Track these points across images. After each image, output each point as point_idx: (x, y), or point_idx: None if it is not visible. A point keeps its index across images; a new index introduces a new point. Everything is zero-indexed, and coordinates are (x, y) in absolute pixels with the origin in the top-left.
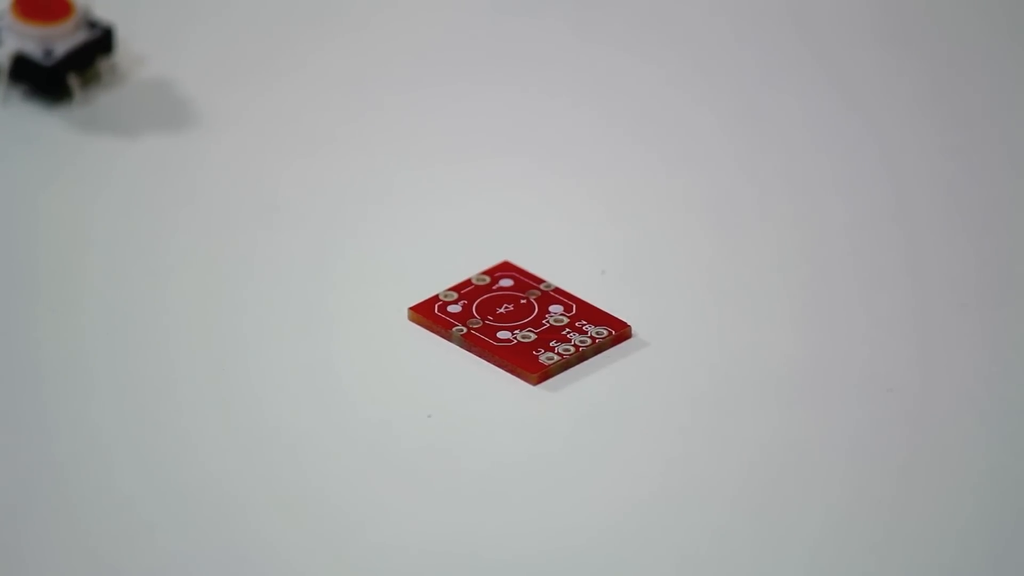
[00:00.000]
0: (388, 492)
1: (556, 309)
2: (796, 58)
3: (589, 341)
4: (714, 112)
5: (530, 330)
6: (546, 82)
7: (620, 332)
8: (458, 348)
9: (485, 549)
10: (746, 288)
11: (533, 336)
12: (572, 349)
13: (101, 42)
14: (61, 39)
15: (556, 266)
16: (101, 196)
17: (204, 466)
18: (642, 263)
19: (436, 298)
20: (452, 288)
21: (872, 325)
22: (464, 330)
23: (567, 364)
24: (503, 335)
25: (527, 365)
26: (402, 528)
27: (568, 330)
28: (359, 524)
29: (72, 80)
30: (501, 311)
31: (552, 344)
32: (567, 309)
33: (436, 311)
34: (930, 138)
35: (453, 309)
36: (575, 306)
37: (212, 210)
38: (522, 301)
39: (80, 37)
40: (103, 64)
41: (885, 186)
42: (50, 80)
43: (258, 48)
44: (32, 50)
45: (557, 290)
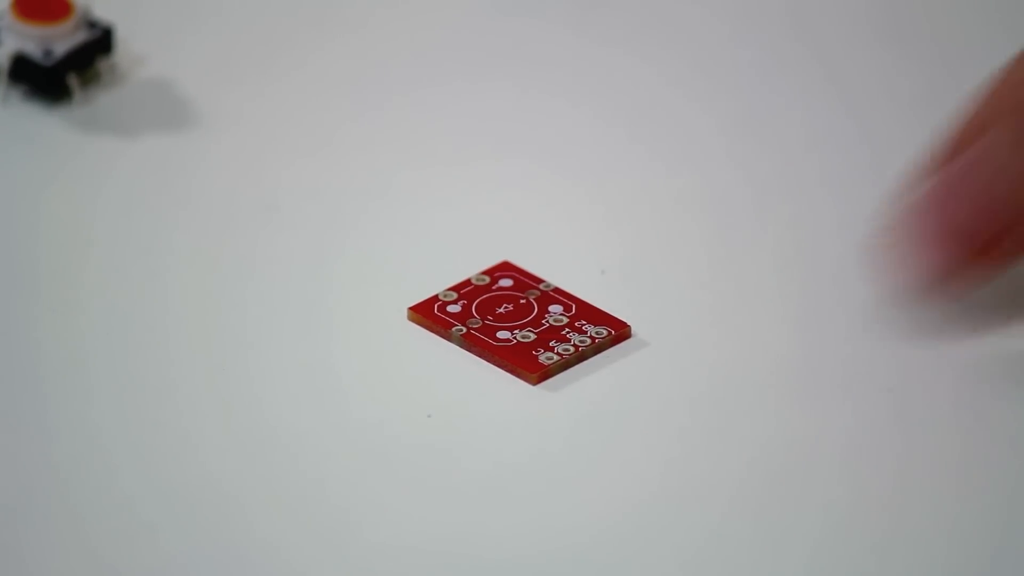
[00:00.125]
0: (388, 492)
1: (556, 309)
2: (795, 59)
3: (589, 341)
4: (713, 112)
5: (530, 330)
6: (546, 82)
7: (620, 332)
8: (458, 348)
9: (485, 549)
10: (746, 288)
11: (533, 336)
12: (572, 349)
13: (101, 42)
14: (61, 39)
15: (556, 266)
16: (101, 196)
17: (204, 466)
18: (642, 263)
19: (436, 298)
20: (452, 288)
21: (872, 326)
22: (464, 330)
23: (567, 364)
24: (503, 335)
25: (527, 365)
26: (402, 528)
27: (568, 330)
28: (359, 524)
29: (72, 80)
30: (501, 311)
31: (552, 344)
32: (567, 309)
33: (436, 311)
34: (928, 139)
35: (453, 309)
36: (575, 306)
37: (212, 210)
38: (522, 301)
39: (80, 37)
40: (103, 64)
41: (884, 186)
42: (50, 80)
43: (258, 48)
44: (32, 50)
45: (557, 290)
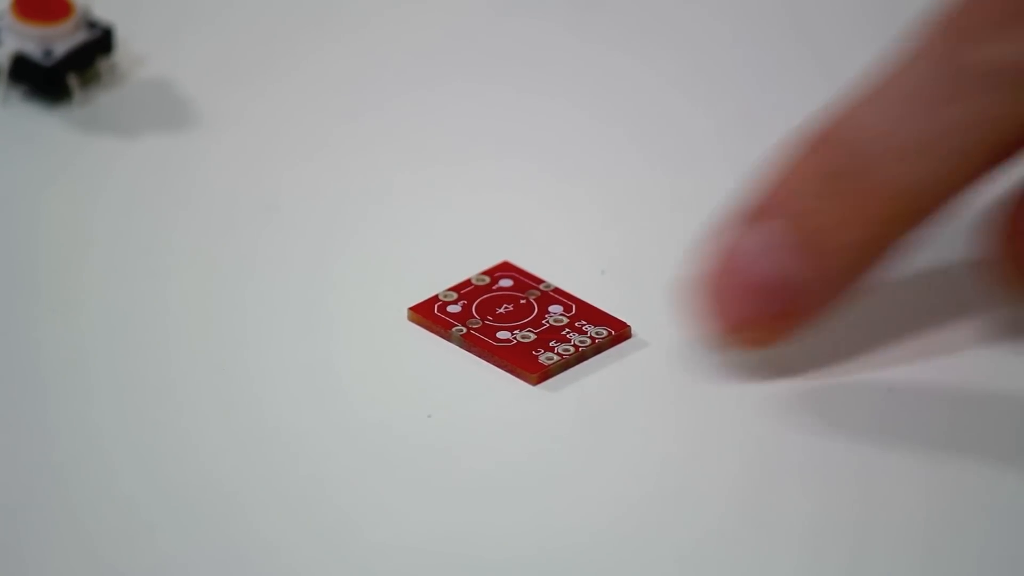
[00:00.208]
0: (388, 492)
1: (556, 309)
2: (795, 59)
3: (589, 341)
4: (713, 113)
5: (530, 330)
6: (546, 83)
7: (620, 332)
8: (458, 348)
9: (485, 549)
10: None
11: (533, 336)
12: (572, 349)
13: (101, 42)
14: (61, 39)
15: (556, 266)
16: (101, 196)
17: (204, 466)
18: (642, 263)
19: (436, 298)
20: (452, 288)
21: (872, 325)
22: (464, 330)
23: (567, 364)
24: (503, 335)
25: (527, 365)
26: (402, 528)
27: (568, 330)
28: (359, 524)
29: (72, 80)
30: (501, 311)
31: (552, 344)
32: (567, 309)
33: (436, 311)
34: None
35: (453, 309)
36: (575, 306)
37: (212, 210)
38: (522, 301)
39: (80, 37)
40: (103, 64)
41: None
42: (50, 80)
43: (258, 48)
44: (32, 50)
45: (557, 290)
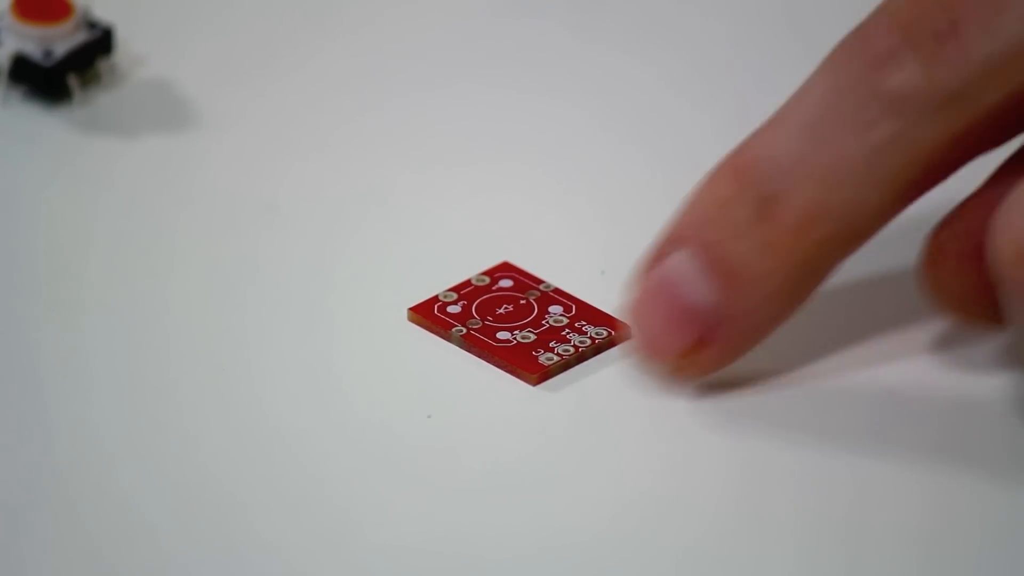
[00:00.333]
0: (388, 492)
1: (556, 310)
2: (795, 60)
3: (589, 342)
4: (713, 113)
5: (530, 331)
6: (545, 83)
7: (620, 332)
8: (458, 349)
9: (485, 549)
10: None
11: (533, 337)
12: (572, 350)
13: (101, 42)
14: (61, 39)
15: (556, 266)
16: (101, 196)
17: (204, 466)
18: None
19: (436, 298)
20: (452, 289)
21: (872, 325)
22: (464, 330)
23: (567, 365)
24: (503, 336)
25: (527, 366)
26: (402, 528)
27: (568, 331)
28: (359, 524)
29: (72, 80)
30: (501, 312)
31: (552, 345)
32: (567, 310)
33: (436, 312)
34: None
35: (453, 310)
36: (575, 307)
37: (212, 210)
38: (522, 302)
39: (80, 37)
40: (103, 65)
41: None
42: (50, 80)
43: (258, 48)
44: (32, 50)
45: (557, 291)
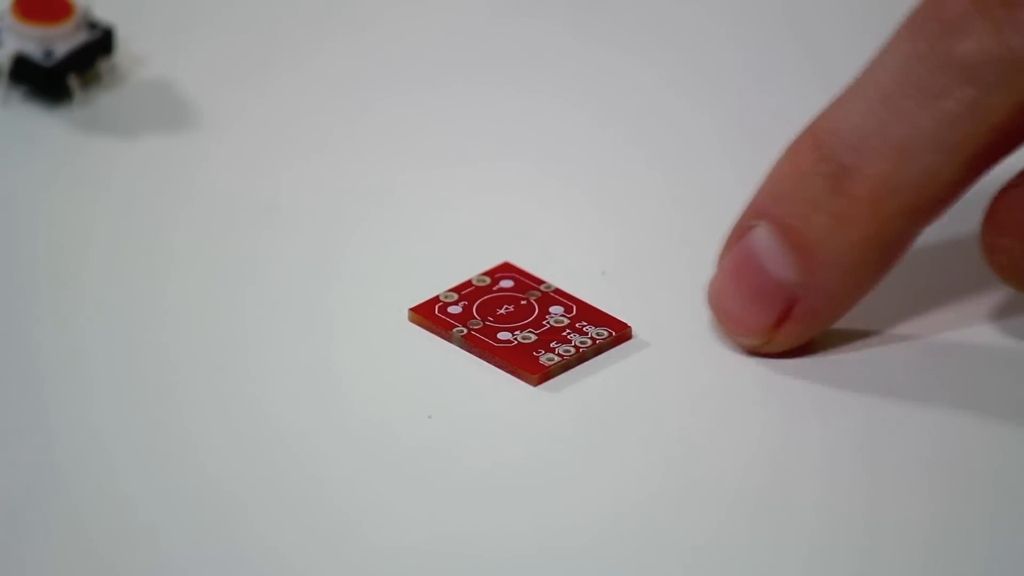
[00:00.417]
0: (388, 492)
1: (556, 310)
2: (794, 60)
3: (589, 342)
4: (713, 113)
5: (530, 331)
6: (546, 83)
7: (620, 333)
8: (458, 349)
9: (485, 549)
10: None
11: (533, 337)
12: (572, 350)
13: (101, 43)
14: (61, 40)
15: (556, 267)
16: (101, 196)
17: (204, 466)
18: (642, 263)
19: (436, 299)
20: (452, 289)
21: (872, 325)
22: (464, 331)
23: (567, 365)
24: (503, 336)
25: (527, 366)
26: (402, 528)
27: (568, 331)
28: (359, 524)
29: (72, 81)
30: (501, 312)
31: (552, 345)
32: (567, 310)
33: (436, 312)
34: None
35: (453, 310)
36: (575, 307)
37: (212, 210)
38: (522, 302)
39: (80, 38)
40: (103, 65)
41: None
42: (50, 81)
43: (258, 48)
44: (32, 51)
45: (557, 291)
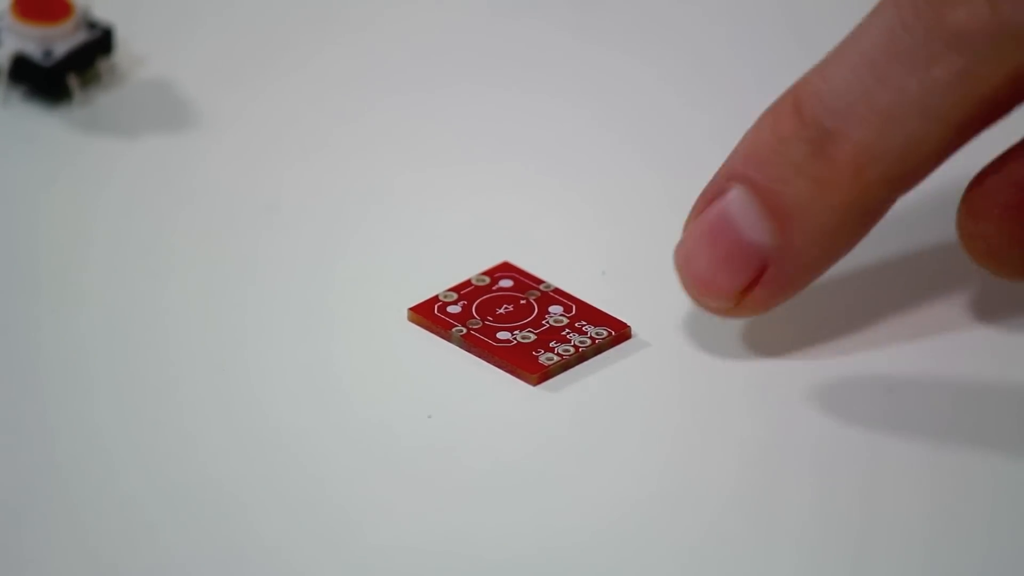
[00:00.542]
0: (388, 492)
1: (556, 310)
2: (794, 60)
3: (589, 342)
4: (713, 113)
5: (530, 331)
6: (545, 83)
7: (620, 333)
8: (458, 349)
9: (485, 549)
10: None
11: (533, 337)
12: (572, 350)
13: (101, 42)
14: (61, 39)
15: (556, 267)
16: (101, 196)
17: (204, 466)
18: (642, 263)
19: (436, 299)
20: (452, 289)
21: (872, 325)
22: (464, 331)
23: (567, 365)
24: (503, 336)
25: (527, 366)
26: (402, 528)
27: (568, 331)
28: (359, 524)
29: (72, 80)
30: (501, 312)
31: (552, 345)
32: (567, 310)
33: (436, 312)
34: None
35: (453, 310)
36: (575, 307)
37: (212, 210)
38: (522, 302)
39: (80, 38)
40: (103, 65)
41: None
42: (50, 80)
43: (258, 48)
44: (32, 50)
45: (557, 291)
